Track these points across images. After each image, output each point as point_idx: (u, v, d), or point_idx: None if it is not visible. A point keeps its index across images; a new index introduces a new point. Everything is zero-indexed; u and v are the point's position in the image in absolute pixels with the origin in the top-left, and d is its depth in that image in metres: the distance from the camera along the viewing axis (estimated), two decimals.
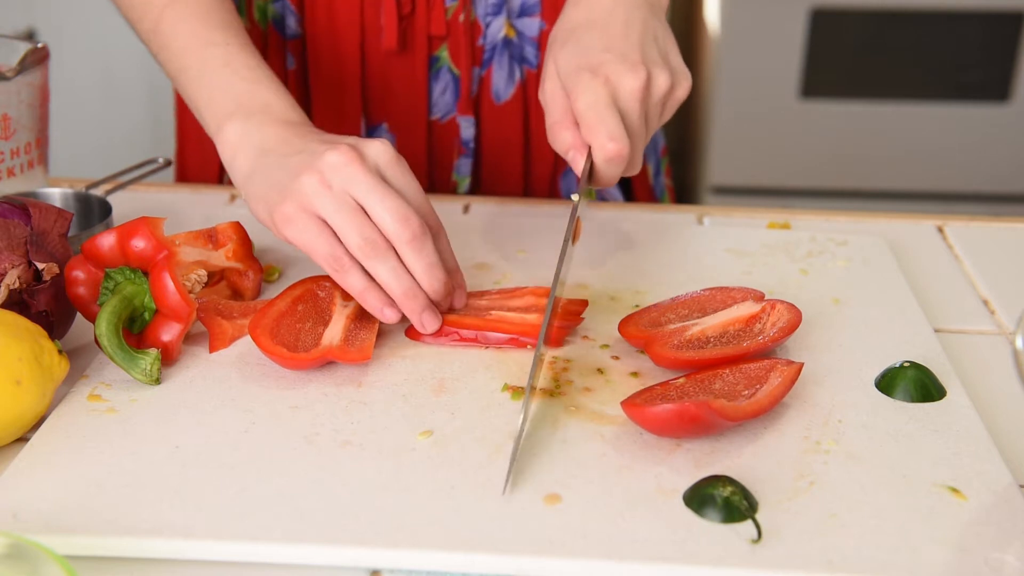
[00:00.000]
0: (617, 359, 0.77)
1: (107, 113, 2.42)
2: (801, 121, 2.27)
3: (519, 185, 1.09)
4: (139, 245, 0.74)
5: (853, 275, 0.89)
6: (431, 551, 0.59)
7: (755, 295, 0.80)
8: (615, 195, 1.12)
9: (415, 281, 0.75)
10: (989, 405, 0.74)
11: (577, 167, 0.77)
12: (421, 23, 1.01)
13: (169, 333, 0.74)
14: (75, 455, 0.66)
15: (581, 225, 0.80)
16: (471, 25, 1.02)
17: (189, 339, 0.78)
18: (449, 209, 1.00)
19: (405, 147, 1.06)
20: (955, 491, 0.64)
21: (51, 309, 0.74)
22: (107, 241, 0.74)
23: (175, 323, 0.74)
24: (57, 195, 0.91)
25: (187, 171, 1.13)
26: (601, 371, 0.75)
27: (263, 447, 0.67)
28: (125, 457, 0.66)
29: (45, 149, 0.95)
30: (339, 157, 0.74)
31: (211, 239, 0.80)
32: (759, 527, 0.60)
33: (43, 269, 0.74)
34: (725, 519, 0.61)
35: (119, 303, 0.73)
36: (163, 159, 0.99)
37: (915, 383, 0.73)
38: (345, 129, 1.05)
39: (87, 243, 0.74)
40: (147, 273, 0.75)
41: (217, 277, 0.83)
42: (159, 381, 0.73)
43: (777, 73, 2.23)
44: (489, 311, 0.80)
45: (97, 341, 0.72)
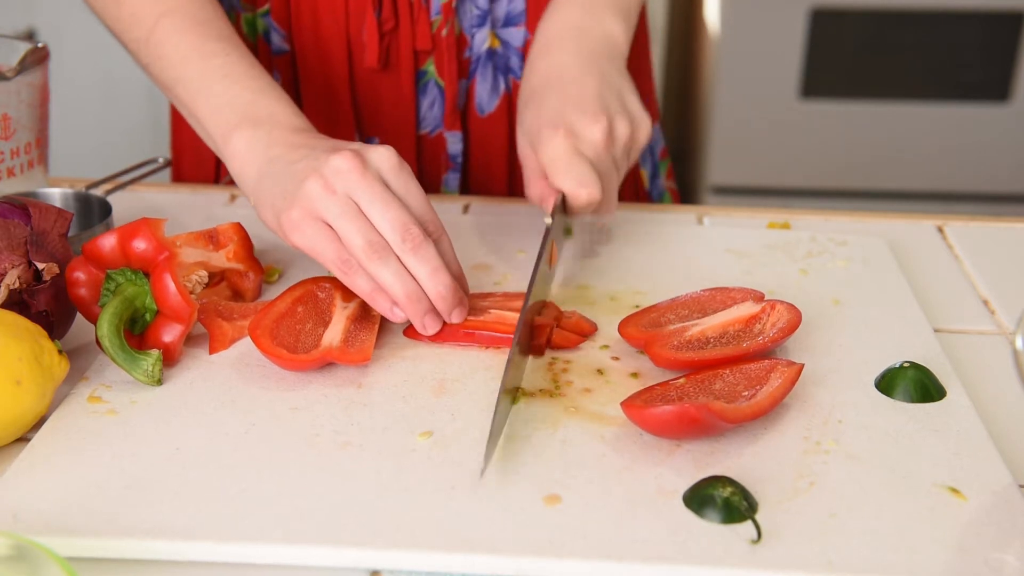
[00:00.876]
0: (617, 360, 0.77)
1: (107, 113, 2.42)
2: (801, 121, 2.27)
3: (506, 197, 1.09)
4: (140, 246, 0.74)
5: (853, 275, 0.89)
6: (431, 551, 0.59)
7: (755, 295, 0.80)
8: None
9: (418, 284, 0.75)
10: (989, 405, 0.74)
11: (548, 208, 0.82)
12: (406, 38, 1.00)
13: (170, 334, 0.74)
14: (76, 456, 0.66)
15: (556, 251, 0.84)
16: (457, 38, 1.01)
17: (189, 341, 0.78)
18: (448, 210, 1.00)
19: None
20: (955, 491, 0.64)
21: (51, 309, 0.74)
22: (108, 242, 0.74)
23: (176, 324, 0.74)
24: (57, 195, 0.91)
25: (183, 174, 1.12)
26: (601, 372, 0.75)
27: (263, 448, 0.67)
28: (125, 458, 0.66)
29: (45, 149, 0.95)
30: (343, 162, 0.74)
31: (212, 240, 0.80)
32: (759, 527, 0.60)
33: (43, 269, 0.74)
34: (725, 520, 0.61)
35: (120, 304, 0.73)
36: (163, 159, 0.99)
37: (915, 383, 0.73)
38: None
39: (88, 244, 0.74)
40: (148, 274, 0.75)
41: (218, 278, 0.83)
42: (161, 382, 0.73)
43: (777, 73, 2.23)
44: (489, 311, 0.80)
45: (99, 342, 0.72)
